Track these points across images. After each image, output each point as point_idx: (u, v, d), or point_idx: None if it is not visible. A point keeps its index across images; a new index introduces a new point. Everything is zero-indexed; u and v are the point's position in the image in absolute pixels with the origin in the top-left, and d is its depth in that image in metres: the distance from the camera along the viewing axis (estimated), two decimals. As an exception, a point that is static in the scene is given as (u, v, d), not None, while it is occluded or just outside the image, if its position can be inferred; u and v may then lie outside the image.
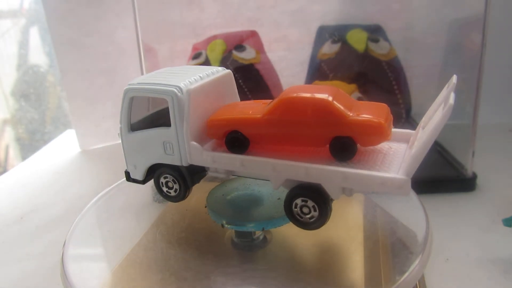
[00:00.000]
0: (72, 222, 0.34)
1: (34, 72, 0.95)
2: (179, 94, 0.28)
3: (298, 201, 0.27)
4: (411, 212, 0.33)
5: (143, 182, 0.32)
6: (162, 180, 0.31)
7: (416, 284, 0.32)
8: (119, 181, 0.40)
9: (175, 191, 0.31)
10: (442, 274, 0.35)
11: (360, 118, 0.25)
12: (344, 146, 0.26)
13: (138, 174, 0.32)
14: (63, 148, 0.76)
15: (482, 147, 0.49)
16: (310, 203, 0.26)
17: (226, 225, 0.31)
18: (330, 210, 0.27)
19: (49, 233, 0.46)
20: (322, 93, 0.26)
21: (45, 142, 0.82)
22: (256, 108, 0.28)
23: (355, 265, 0.29)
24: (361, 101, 0.28)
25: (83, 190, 0.57)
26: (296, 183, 0.27)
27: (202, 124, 0.29)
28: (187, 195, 0.32)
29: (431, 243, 0.28)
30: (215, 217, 0.32)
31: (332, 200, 0.27)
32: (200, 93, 0.29)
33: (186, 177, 0.30)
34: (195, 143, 0.28)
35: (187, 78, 0.29)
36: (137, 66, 0.52)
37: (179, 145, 0.29)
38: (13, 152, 0.98)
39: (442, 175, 0.49)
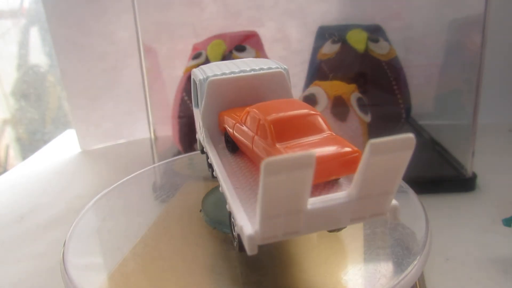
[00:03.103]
0: (72, 222, 0.34)
1: (34, 72, 0.96)
2: (203, 82, 0.29)
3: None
4: (411, 212, 0.33)
5: (201, 152, 0.35)
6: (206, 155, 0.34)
7: (416, 284, 0.32)
8: (119, 181, 0.40)
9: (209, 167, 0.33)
10: (442, 274, 0.35)
11: (281, 152, 0.21)
12: None
13: (198, 145, 0.35)
14: (63, 148, 0.76)
15: (482, 147, 0.49)
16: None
17: (200, 212, 0.33)
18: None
19: (49, 233, 0.46)
20: (280, 112, 0.23)
21: (45, 142, 0.82)
22: None
23: (354, 264, 0.29)
24: (340, 138, 0.23)
25: (83, 190, 0.57)
26: None
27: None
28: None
29: (431, 242, 0.28)
30: (202, 203, 0.33)
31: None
32: (222, 85, 0.29)
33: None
34: (204, 129, 0.30)
35: (229, 69, 0.30)
36: (137, 66, 0.52)
37: (200, 128, 0.31)
38: (13, 152, 0.98)
39: (442, 175, 0.49)
